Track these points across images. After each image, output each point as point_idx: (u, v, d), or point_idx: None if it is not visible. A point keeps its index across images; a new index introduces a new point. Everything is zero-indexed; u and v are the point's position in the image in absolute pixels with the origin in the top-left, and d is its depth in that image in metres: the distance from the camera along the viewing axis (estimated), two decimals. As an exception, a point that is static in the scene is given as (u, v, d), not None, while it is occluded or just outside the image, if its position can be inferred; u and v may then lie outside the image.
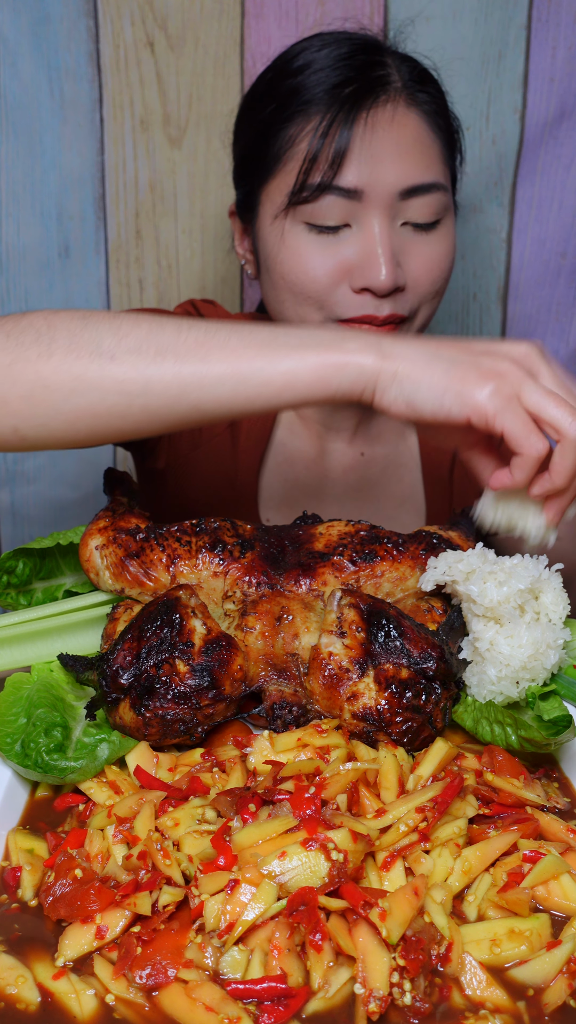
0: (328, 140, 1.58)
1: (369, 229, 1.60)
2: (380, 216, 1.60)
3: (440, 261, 1.66)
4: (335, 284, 1.62)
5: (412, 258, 1.63)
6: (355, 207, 1.60)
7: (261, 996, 0.88)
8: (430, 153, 1.64)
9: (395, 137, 1.60)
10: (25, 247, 2.13)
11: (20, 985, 0.91)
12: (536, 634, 1.20)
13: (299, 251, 1.62)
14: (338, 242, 1.61)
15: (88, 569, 1.34)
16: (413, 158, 1.61)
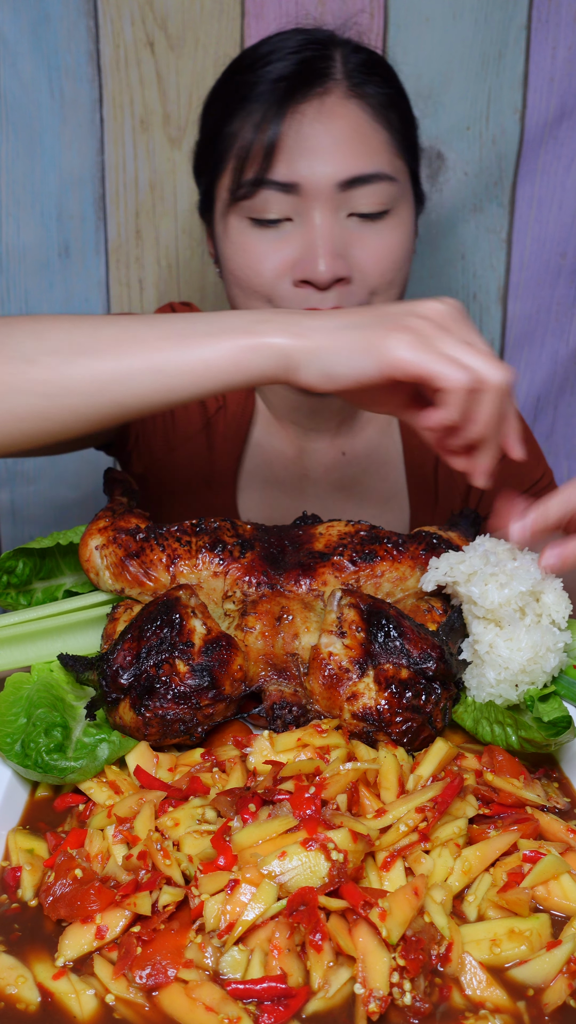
0: (260, 134, 1.59)
1: (309, 222, 1.59)
2: (321, 208, 1.59)
3: (389, 251, 1.64)
4: (279, 278, 1.62)
5: (359, 249, 1.62)
6: (295, 201, 1.59)
7: (261, 996, 0.88)
8: (372, 143, 1.62)
9: (331, 128, 1.59)
10: (25, 247, 2.13)
11: (20, 985, 0.91)
12: (536, 637, 1.20)
13: (243, 246, 1.63)
14: (281, 236, 1.61)
15: (88, 569, 1.34)
16: (351, 149, 1.59)
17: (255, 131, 1.60)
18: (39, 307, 2.17)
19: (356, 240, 1.62)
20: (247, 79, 1.65)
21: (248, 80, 1.64)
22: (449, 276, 2.23)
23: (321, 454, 1.88)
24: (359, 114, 1.62)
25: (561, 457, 2.38)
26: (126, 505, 1.44)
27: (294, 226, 1.61)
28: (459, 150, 2.13)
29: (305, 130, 1.59)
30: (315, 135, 1.59)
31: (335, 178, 1.58)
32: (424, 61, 2.07)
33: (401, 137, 1.68)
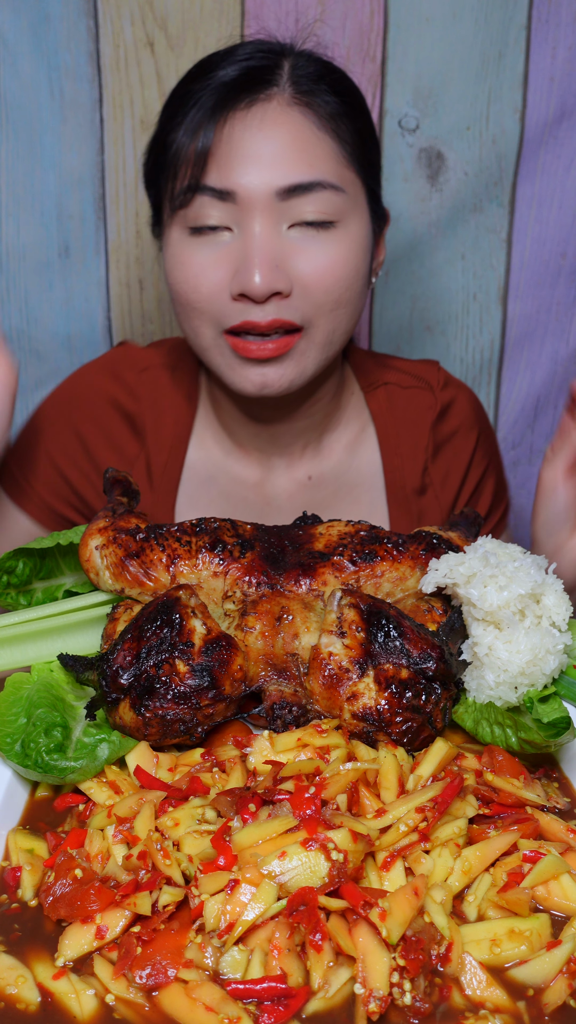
0: (194, 139, 1.54)
1: (247, 231, 1.54)
2: (260, 218, 1.53)
3: (334, 264, 1.56)
4: (218, 292, 1.56)
5: (301, 261, 1.55)
6: (233, 210, 1.54)
7: (261, 996, 0.88)
8: (314, 152, 1.55)
9: (270, 135, 1.54)
10: (25, 247, 2.13)
11: (20, 985, 0.91)
12: (535, 640, 1.20)
13: (183, 260, 1.58)
14: (219, 248, 1.56)
15: (88, 569, 1.34)
16: (291, 156, 1.53)
17: (190, 137, 1.55)
18: (39, 307, 2.17)
19: (298, 252, 1.55)
20: (192, 87, 1.60)
21: (193, 88, 1.60)
22: (449, 276, 2.23)
23: (285, 480, 1.82)
24: (302, 122, 1.56)
25: (561, 457, 2.38)
26: (126, 505, 1.44)
27: (233, 237, 1.56)
28: (459, 150, 2.12)
29: (240, 135, 1.54)
30: (253, 141, 1.53)
31: (273, 185, 1.52)
32: (424, 61, 2.07)
33: (352, 150, 1.60)
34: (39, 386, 2.23)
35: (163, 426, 1.81)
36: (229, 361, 1.62)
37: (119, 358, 1.85)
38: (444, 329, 2.28)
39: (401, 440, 1.84)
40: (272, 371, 1.60)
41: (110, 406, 1.81)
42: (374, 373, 1.88)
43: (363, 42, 2.06)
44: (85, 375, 1.85)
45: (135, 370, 1.82)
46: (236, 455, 1.82)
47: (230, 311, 1.56)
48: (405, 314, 2.26)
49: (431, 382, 1.88)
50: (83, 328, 2.20)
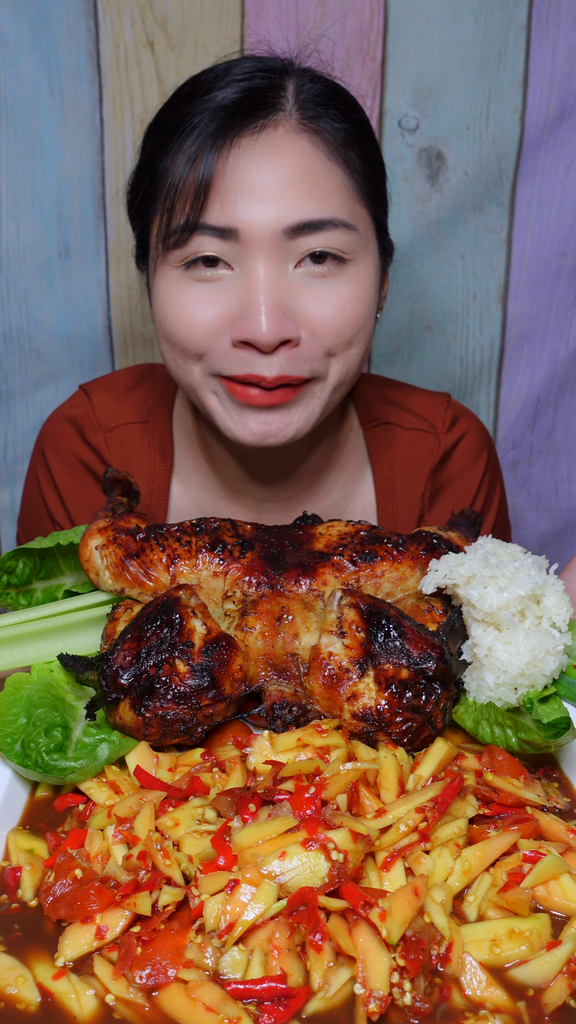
0: (192, 170, 1.39)
1: (251, 273, 1.39)
2: (264, 258, 1.38)
3: (344, 307, 1.42)
4: (215, 335, 1.42)
5: (309, 304, 1.41)
6: (234, 248, 1.39)
7: (261, 996, 0.88)
8: (324, 185, 1.41)
9: (276, 167, 1.39)
10: (25, 247, 2.13)
11: (20, 985, 0.91)
12: (535, 641, 1.20)
13: (175, 297, 1.43)
14: (219, 288, 1.41)
15: (88, 569, 1.34)
16: (300, 191, 1.39)
17: (187, 168, 1.39)
18: (39, 307, 2.17)
19: (305, 294, 1.41)
20: (184, 109, 1.44)
21: (184, 110, 1.44)
22: (449, 276, 2.23)
23: (278, 523, 1.65)
24: (311, 151, 1.41)
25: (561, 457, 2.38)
26: (126, 505, 1.44)
27: (234, 277, 1.41)
28: (459, 150, 2.12)
29: (245, 167, 1.38)
30: (258, 173, 1.38)
31: (280, 224, 1.38)
32: (424, 61, 2.07)
33: (362, 180, 1.47)
34: (39, 386, 2.23)
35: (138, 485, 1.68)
36: (226, 405, 1.48)
37: (84, 417, 1.72)
38: (444, 329, 2.28)
39: (396, 485, 1.74)
40: (277, 419, 1.46)
41: (81, 466, 1.72)
42: (376, 408, 1.76)
43: (363, 42, 2.06)
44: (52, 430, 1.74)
45: (102, 430, 1.70)
46: (226, 500, 1.71)
47: (230, 359, 1.42)
48: (405, 314, 2.26)
49: (436, 424, 1.75)
50: (83, 328, 2.20)
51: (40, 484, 1.76)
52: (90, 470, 1.72)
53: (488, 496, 1.81)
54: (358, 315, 1.45)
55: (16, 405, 2.25)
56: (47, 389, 2.23)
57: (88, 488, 1.72)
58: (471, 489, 1.78)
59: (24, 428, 2.26)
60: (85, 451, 1.72)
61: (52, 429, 1.75)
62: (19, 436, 2.27)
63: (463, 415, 1.79)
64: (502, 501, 1.87)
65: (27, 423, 2.26)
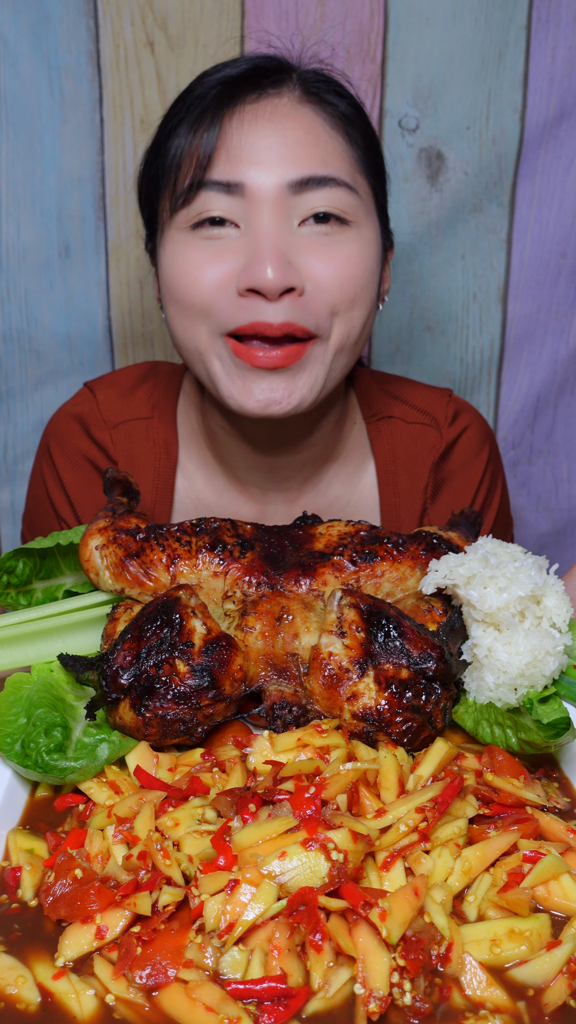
0: (197, 136, 1.46)
1: (255, 226, 1.44)
2: (269, 211, 1.44)
3: (349, 263, 1.46)
4: (220, 288, 1.45)
5: (314, 259, 1.45)
6: (240, 204, 1.45)
7: (261, 996, 0.88)
8: (327, 148, 1.48)
9: (280, 129, 1.46)
10: (25, 247, 2.13)
11: (20, 985, 0.91)
12: (534, 641, 1.20)
13: (183, 256, 1.47)
14: (224, 245, 1.46)
15: (88, 569, 1.34)
16: (304, 151, 1.46)
17: (193, 132, 1.47)
18: (39, 307, 2.17)
19: (310, 249, 1.45)
20: (192, 90, 1.54)
21: (192, 91, 1.53)
22: (449, 276, 2.23)
23: (281, 515, 1.72)
24: (314, 119, 1.49)
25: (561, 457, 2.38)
26: (126, 505, 1.44)
27: (240, 234, 1.46)
28: (459, 150, 2.12)
29: (250, 128, 1.45)
30: (263, 134, 1.45)
31: (285, 178, 1.44)
32: (424, 61, 2.07)
33: (363, 155, 1.54)
34: (39, 386, 2.23)
35: (142, 482, 1.73)
36: (229, 370, 1.49)
37: (89, 413, 1.75)
38: (444, 329, 2.28)
39: (399, 479, 1.75)
40: (281, 385, 1.48)
41: (86, 463, 1.74)
42: (379, 402, 1.79)
43: (363, 42, 2.06)
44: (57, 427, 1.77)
45: (108, 427, 1.73)
46: (232, 493, 1.73)
47: (236, 310, 1.44)
48: (405, 314, 2.26)
49: (438, 418, 1.77)
50: (83, 328, 2.20)
51: (46, 481, 1.77)
52: (95, 466, 1.74)
53: (490, 490, 1.82)
54: (361, 273, 1.49)
55: (16, 405, 2.25)
56: (47, 389, 2.23)
57: (94, 485, 1.74)
58: (473, 483, 1.79)
59: (24, 428, 2.26)
60: (90, 447, 1.73)
61: (57, 426, 1.77)
62: (19, 436, 2.27)
63: (465, 409, 1.81)
64: (504, 495, 1.88)
65: (27, 423, 2.26)
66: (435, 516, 1.76)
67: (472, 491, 1.79)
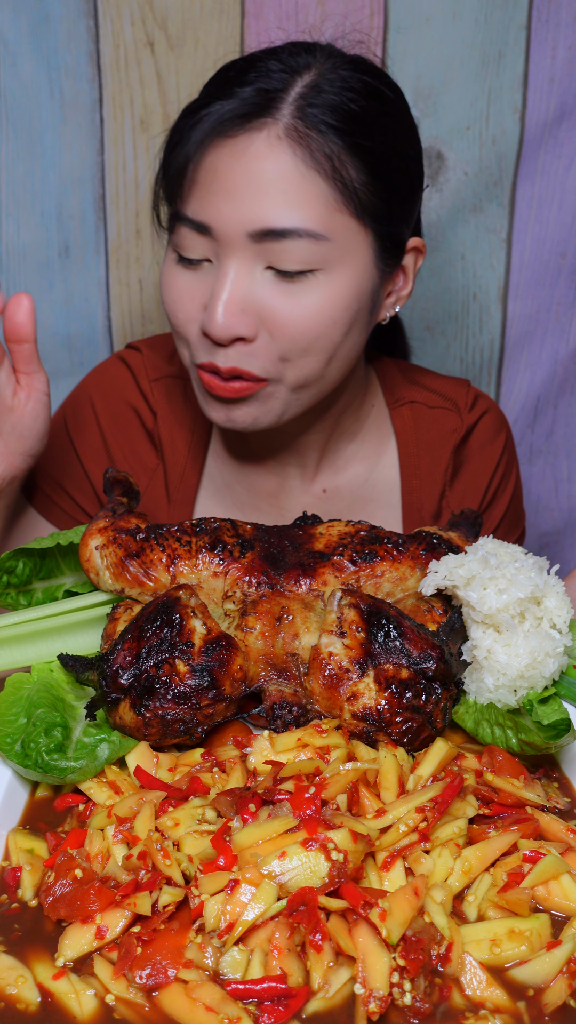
0: (182, 164, 1.47)
1: (221, 268, 1.46)
2: (234, 256, 1.44)
3: (304, 316, 1.45)
4: (190, 323, 1.50)
5: (272, 309, 1.45)
6: (211, 243, 1.46)
7: (261, 996, 0.88)
8: (299, 195, 1.41)
9: (251, 170, 1.41)
10: (25, 247, 2.13)
11: (20, 985, 0.91)
12: (534, 643, 1.20)
13: (167, 282, 1.54)
14: (199, 278, 1.49)
15: (88, 569, 1.34)
16: (270, 197, 1.41)
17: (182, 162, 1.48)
18: (39, 307, 2.16)
19: (270, 297, 1.45)
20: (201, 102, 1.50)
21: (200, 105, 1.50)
22: (449, 276, 2.23)
23: (301, 492, 1.77)
24: (291, 159, 1.42)
25: (561, 457, 2.38)
26: (126, 505, 1.44)
27: (211, 268, 1.48)
28: (459, 150, 2.12)
29: (223, 168, 1.43)
30: (232, 176, 1.42)
31: (245, 227, 1.42)
32: (424, 61, 2.07)
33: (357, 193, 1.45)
34: (39, 386, 2.23)
35: (178, 438, 1.76)
36: (202, 393, 1.58)
37: (135, 362, 1.80)
38: (444, 329, 2.28)
39: (421, 461, 1.79)
40: (239, 412, 1.54)
41: (131, 410, 1.78)
42: (401, 389, 1.82)
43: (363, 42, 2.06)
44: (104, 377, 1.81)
45: (149, 379, 1.78)
46: (252, 463, 1.77)
47: (198, 346, 1.51)
48: (405, 314, 2.26)
49: (459, 403, 1.81)
50: (83, 328, 2.20)
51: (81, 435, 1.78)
52: (139, 416, 1.78)
53: (505, 476, 1.87)
54: (317, 325, 1.46)
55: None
56: (47, 389, 2.23)
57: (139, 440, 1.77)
58: (489, 467, 1.83)
59: (24, 428, 2.26)
60: (136, 396, 1.78)
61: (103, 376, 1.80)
62: (19, 436, 2.26)
63: (483, 397, 1.86)
64: (517, 484, 1.91)
65: (27, 423, 2.25)
66: (453, 499, 1.81)
67: (488, 474, 1.83)
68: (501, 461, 1.85)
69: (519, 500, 1.92)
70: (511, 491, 1.88)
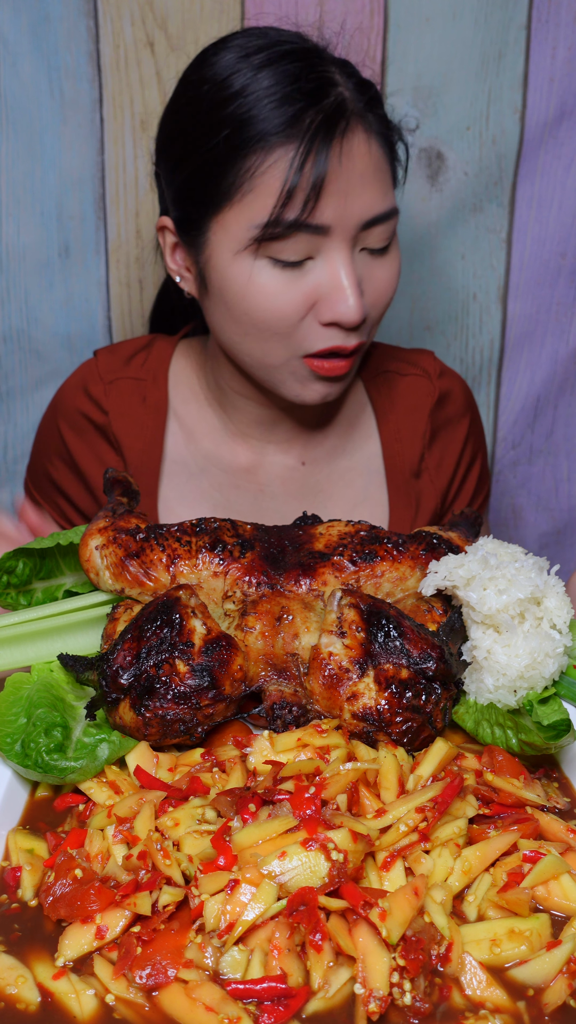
0: (304, 176, 1.52)
1: (333, 261, 1.57)
2: (344, 248, 1.57)
3: (391, 283, 1.65)
4: (302, 318, 1.59)
5: (369, 284, 1.62)
6: (321, 240, 1.56)
7: (261, 996, 0.88)
8: (386, 179, 1.61)
9: (360, 168, 1.56)
10: (25, 247, 2.13)
11: (20, 985, 0.91)
12: (534, 644, 1.20)
13: (267, 289, 1.58)
14: (303, 275, 1.57)
15: (88, 569, 1.34)
16: (375, 187, 1.58)
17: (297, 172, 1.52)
18: (39, 307, 2.17)
19: (367, 276, 1.61)
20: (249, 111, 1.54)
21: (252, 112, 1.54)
22: (449, 276, 2.23)
23: (279, 466, 1.85)
24: (377, 149, 1.59)
25: (561, 457, 2.38)
26: (126, 505, 1.44)
27: (314, 264, 1.58)
28: (459, 150, 2.12)
29: (344, 170, 1.54)
30: (349, 175, 1.55)
31: (363, 218, 1.56)
32: (424, 61, 2.07)
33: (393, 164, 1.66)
34: (39, 386, 2.23)
35: (131, 435, 1.83)
36: (301, 379, 1.66)
37: (88, 372, 1.87)
38: (444, 329, 2.28)
39: (400, 426, 1.89)
40: (336, 386, 1.68)
41: (83, 418, 1.85)
42: (372, 361, 1.92)
43: (363, 42, 2.06)
44: (63, 392, 1.89)
45: (103, 382, 1.85)
46: (231, 443, 1.84)
47: (316, 337, 1.60)
48: (405, 314, 2.26)
49: (428, 370, 1.92)
50: (83, 328, 2.20)
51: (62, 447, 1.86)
52: (94, 424, 1.85)
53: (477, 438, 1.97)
54: (394, 289, 1.68)
55: (16, 405, 2.25)
56: (47, 389, 2.23)
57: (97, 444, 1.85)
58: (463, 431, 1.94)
59: (24, 428, 2.26)
60: (86, 403, 1.86)
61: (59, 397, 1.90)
62: (19, 436, 2.27)
63: (448, 370, 1.96)
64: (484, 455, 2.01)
65: (27, 423, 2.26)
66: (431, 460, 1.90)
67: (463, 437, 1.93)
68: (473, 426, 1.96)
69: (486, 460, 2.03)
70: (481, 452, 1.99)
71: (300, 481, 1.85)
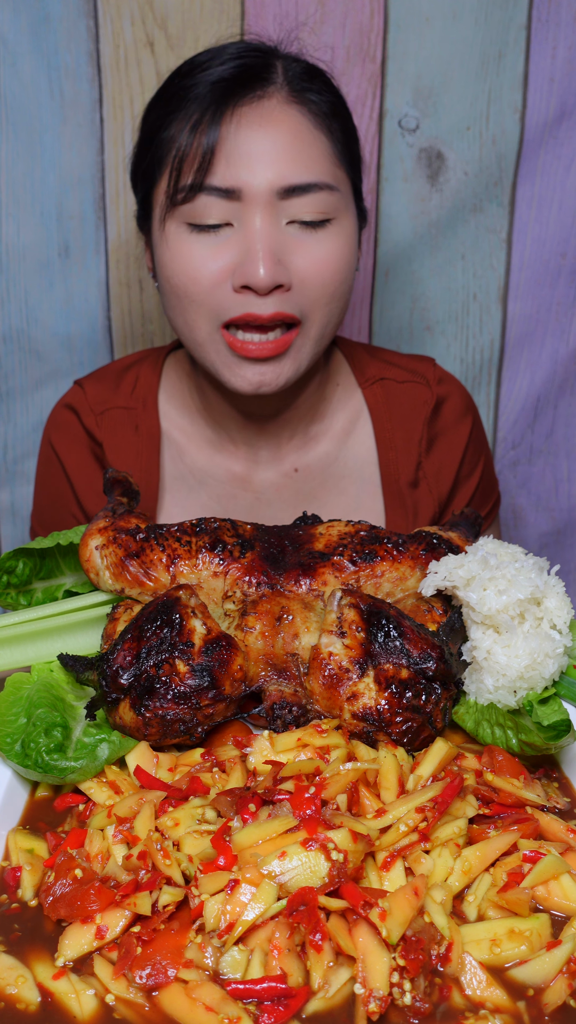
0: (198, 137, 1.57)
1: (249, 226, 1.57)
2: (261, 213, 1.57)
3: (329, 260, 1.62)
4: (217, 285, 1.59)
5: (298, 257, 1.60)
6: (235, 206, 1.58)
7: (261, 996, 0.88)
8: (311, 152, 1.60)
9: (271, 134, 1.57)
10: (25, 247, 2.13)
11: (20, 985, 0.91)
12: (533, 644, 1.20)
13: (182, 252, 1.61)
14: (220, 242, 1.59)
15: (88, 569, 1.34)
16: (290, 156, 1.58)
17: (192, 134, 1.58)
18: (39, 307, 2.17)
19: (296, 247, 1.60)
20: (185, 83, 1.63)
21: (186, 84, 1.62)
22: (449, 276, 2.23)
23: (273, 473, 1.85)
24: (300, 120, 1.60)
25: (561, 457, 2.38)
26: (126, 505, 1.44)
27: (233, 231, 1.59)
28: (459, 150, 2.12)
29: (244, 134, 1.57)
30: (255, 140, 1.57)
31: (274, 185, 1.56)
32: (424, 61, 2.07)
33: (343, 148, 1.65)
34: (39, 386, 2.23)
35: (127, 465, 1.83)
36: (225, 359, 1.64)
37: (78, 401, 1.88)
38: (444, 329, 2.28)
39: (396, 433, 1.88)
40: (269, 370, 1.64)
41: (83, 446, 1.86)
42: (371, 367, 1.91)
43: (363, 42, 2.06)
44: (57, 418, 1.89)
45: (94, 414, 1.86)
46: (223, 455, 1.85)
47: (231, 303, 1.59)
48: (405, 314, 2.26)
49: (427, 377, 1.91)
50: (83, 328, 2.20)
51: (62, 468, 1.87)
52: (91, 451, 1.87)
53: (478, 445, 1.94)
54: (340, 268, 1.64)
55: (16, 405, 2.25)
56: (47, 389, 2.23)
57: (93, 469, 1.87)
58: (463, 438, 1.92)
59: (24, 428, 2.26)
60: (81, 432, 1.87)
61: (56, 418, 1.90)
62: (19, 436, 2.27)
63: (448, 377, 1.94)
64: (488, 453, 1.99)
65: (27, 423, 2.26)
66: (429, 469, 1.89)
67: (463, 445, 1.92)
68: (473, 433, 1.94)
69: (491, 467, 2.00)
70: (483, 460, 1.96)
71: (294, 488, 1.84)
